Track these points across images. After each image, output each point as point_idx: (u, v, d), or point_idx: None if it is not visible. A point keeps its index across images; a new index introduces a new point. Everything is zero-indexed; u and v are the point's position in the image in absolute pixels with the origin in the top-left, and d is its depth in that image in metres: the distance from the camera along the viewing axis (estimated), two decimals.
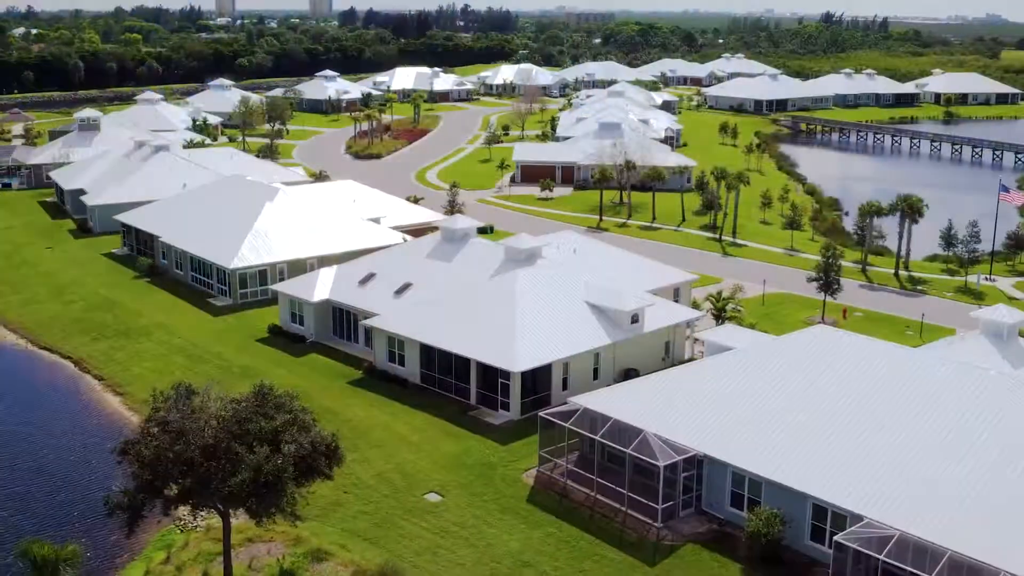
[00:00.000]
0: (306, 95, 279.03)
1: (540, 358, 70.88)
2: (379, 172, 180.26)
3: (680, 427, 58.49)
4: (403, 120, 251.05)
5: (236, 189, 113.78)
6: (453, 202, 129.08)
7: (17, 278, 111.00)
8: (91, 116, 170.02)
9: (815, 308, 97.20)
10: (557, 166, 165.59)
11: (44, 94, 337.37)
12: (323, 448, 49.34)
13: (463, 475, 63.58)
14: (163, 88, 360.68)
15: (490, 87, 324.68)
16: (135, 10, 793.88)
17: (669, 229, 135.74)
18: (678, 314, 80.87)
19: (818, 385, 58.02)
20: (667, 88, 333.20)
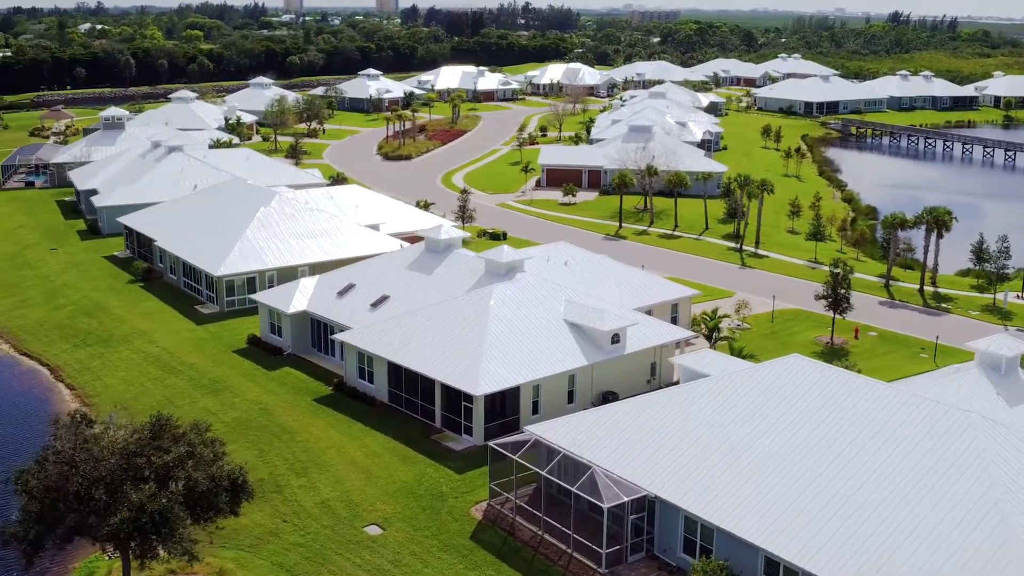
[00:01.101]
0: (348, 94, 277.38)
1: (506, 380, 66.84)
2: (406, 174, 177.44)
3: (635, 463, 54.13)
4: (442, 120, 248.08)
5: (234, 193, 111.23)
6: (464, 207, 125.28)
7: (15, 280, 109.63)
8: (116, 115, 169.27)
9: (827, 326, 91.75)
10: (584, 170, 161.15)
11: (95, 90, 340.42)
12: (225, 483, 45.83)
13: (410, 506, 59.82)
14: (215, 85, 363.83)
15: (537, 87, 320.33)
16: (200, 7, 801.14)
17: (690, 238, 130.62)
18: (665, 334, 76.22)
19: (784, 422, 53.21)
20: (719, 89, 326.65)
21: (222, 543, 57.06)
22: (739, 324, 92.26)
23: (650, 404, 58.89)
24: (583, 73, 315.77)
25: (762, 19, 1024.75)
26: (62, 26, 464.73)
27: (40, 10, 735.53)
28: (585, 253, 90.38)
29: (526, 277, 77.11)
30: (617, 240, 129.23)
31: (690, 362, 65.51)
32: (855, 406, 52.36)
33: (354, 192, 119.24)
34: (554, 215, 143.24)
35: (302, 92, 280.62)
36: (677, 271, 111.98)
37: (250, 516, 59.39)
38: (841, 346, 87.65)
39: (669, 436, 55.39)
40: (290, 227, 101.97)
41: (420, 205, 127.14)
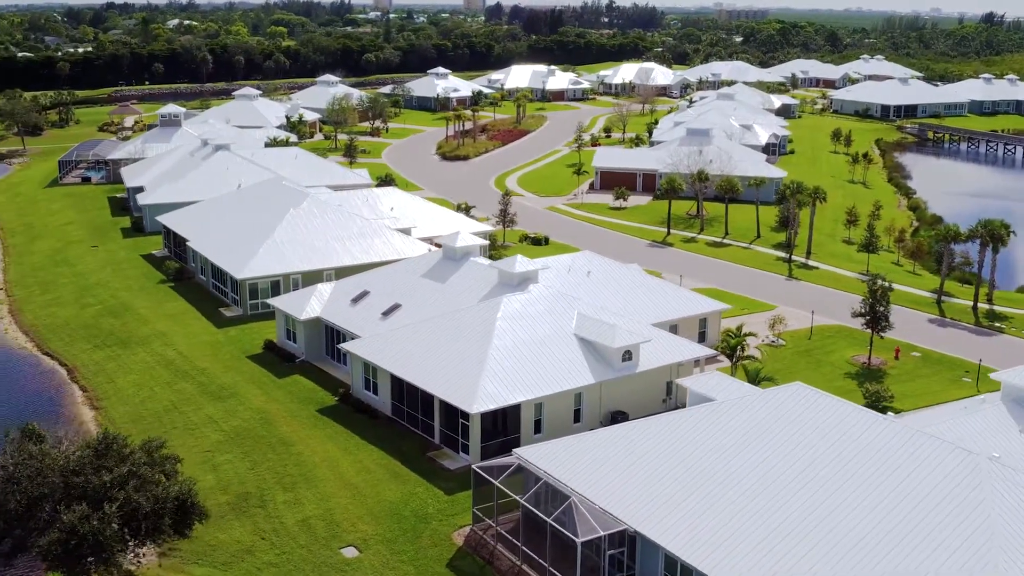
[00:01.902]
0: (416, 92, 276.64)
1: (504, 398, 64.15)
2: (460, 175, 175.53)
3: (619, 493, 51.08)
4: (506, 120, 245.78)
5: (269, 193, 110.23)
6: (505, 211, 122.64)
7: (51, 277, 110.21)
8: (172, 112, 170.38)
9: (867, 345, 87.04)
10: (638, 173, 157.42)
11: (172, 86, 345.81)
12: (171, 506, 43.98)
13: (392, 527, 57.53)
14: (290, 82, 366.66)
15: (609, 87, 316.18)
16: (287, 3, 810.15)
17: (739, 246, 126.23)
18: (683, 351, 72.70)
19: (776, 456, 49.66)
20: (796, 90, 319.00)
21: (196, 559, 55.51)
22: (773, 340, 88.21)
23: (645, 430, 55.70)
24: (656, 73, 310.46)
25: (854, 18, 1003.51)
26: (146, 22, 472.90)
27: (132, 5, 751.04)
28: (611, 263, 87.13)
29: (539, 288, 74.28)
30: (663, 247, 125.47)
31: (696, 385, 62.05)
32: (852, 442, 48.58)
33: (391, 194, 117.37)
34: (602, 220, 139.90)
35: (370, 91, 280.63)
36: (719, 281, 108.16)
37: (230, 531, 57.89)
38: (878, 367, 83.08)
39: (658, 465, 52.21)
40: (319, 230, 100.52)
41: (461, 208, 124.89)
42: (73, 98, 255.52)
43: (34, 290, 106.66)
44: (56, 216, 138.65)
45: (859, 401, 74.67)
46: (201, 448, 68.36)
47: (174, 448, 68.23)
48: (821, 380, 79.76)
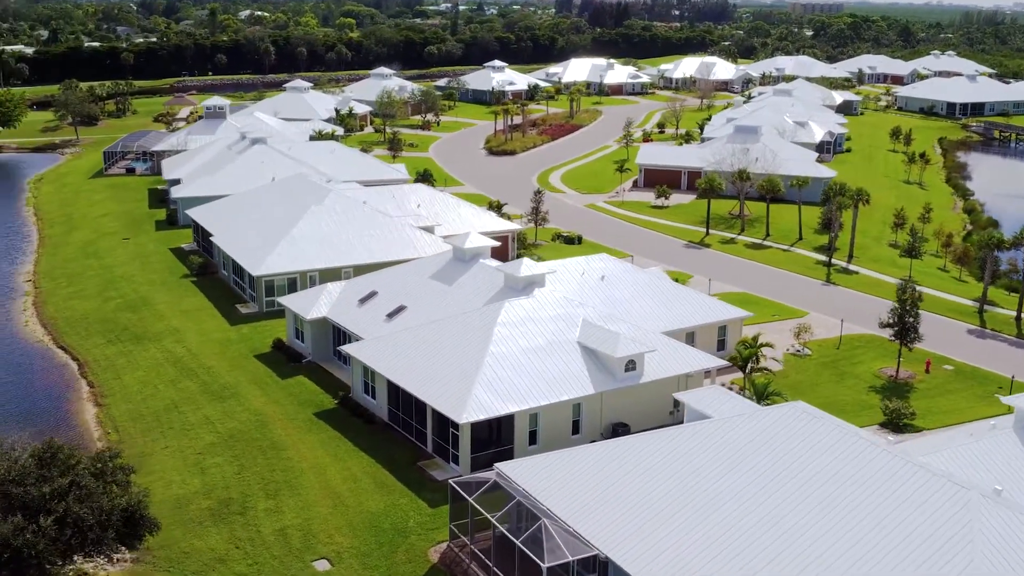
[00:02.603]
0: (471, 86, 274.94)
1: (496, 408, 61.92)
2: (504, 170, 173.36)
3: (595, 515, 48.58)
4: (560, 114, 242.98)
5: (294, 189, 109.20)
6: (537, 209, 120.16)
7: (79, 270, 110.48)
8: (217, 104, 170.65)
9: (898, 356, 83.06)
10: (682, 171, 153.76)
11: (234, 77, 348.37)
12: (116, 518, 42.53)
13: (368, 541, 55.68)
14: (351, 74, 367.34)
15: (669, 81, 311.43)
16: None
17: (779, 248, 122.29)
18: (692, 362, 69.73)
19: (761, 482, 46.75)
20: (862, 86, 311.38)
21: (168, 565, 54.33)
22: (799, 349, 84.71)
23: (631, 448, 53.08)
24: (717, 67, 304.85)
25: (934, 13, 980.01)
26: (213, 13, 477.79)
27: None
28: (629, 267, 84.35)
29: (544, 293, 71.83)
30: (699, 248, 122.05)
31: (694, 400, 59.13)
32: (840, 471, 45.49)
33: (419, 191, 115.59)
34: (641, 218, 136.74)
35: (427, 83, 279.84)
36: (752, 285, 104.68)
37: (206, 539, 56.61)
38: (906, 380, 79.17)
39: (638, 487, 49.61)
40: (339, 226, 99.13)
41: (493, 205, 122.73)
42: (131, 88, 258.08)
43: (61, 282, 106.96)
44: (95, 207, 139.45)
45: (878, 418, 71.31)
46: (193, 450, 67.24)
47: (167, 449, 67.83)
48: (843, 393, 76.46)
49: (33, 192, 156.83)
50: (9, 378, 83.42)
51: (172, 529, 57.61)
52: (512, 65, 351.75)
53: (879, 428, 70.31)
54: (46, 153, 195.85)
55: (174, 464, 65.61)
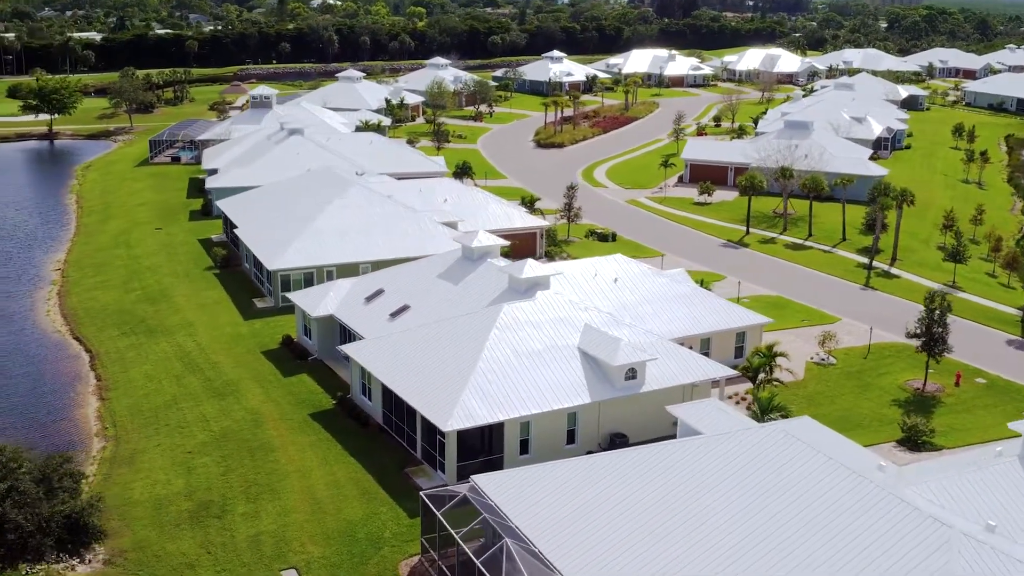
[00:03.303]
0: (528, 76, 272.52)
1: (484, 416, 59.80)
2: (549, 163, 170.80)
3: (563, 536, 46.24)
4: (616, 106, 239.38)
5: (319, 181, 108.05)
6: (570, 204, 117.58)
7: (107, 260, 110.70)
8: (264, 93, 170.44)
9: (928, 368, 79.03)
10: (729, 167, 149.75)
11: (296, 66, 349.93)
12: (56, 525, 41.29)
13: (341, 551, 54.00)
14: (412, 63, 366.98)
15: (732, 73, 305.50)
16: None
17: (820, 249, 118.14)
18: (697, 371, 66.82)
19: (737, 507, 44.05)
20: (932, 80, 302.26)
21: (137, 568, 53.47)
22: (824, 358, 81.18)
23: (610, 464, 50.60)
24: (782, 60, 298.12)
25: (1016, 5, 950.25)
26: (283, 1, 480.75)
27: None
28: (645, 269, 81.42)
29: (547, 296, 69.43)
30: (737, 248, 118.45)
31: (686, 414, 56.29)
32: (819, 499, 42.60)
33: (447, 185, 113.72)
34: (681, 215, 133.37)
35: (484, 74, 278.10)
36: (785, 287, 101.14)
37: (180, 542, 55.52)
38: (933, 394, 75.28)
39: (610, 507, 47.17)
40: (360, 221, 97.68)
41: (526, 200, 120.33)
42: (188, 76, 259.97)
43: (88, 271, 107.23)
44: (134, 196, 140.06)
45: (896, 434, 67.76)
46: (184, 449, 66.25)
47: (159, 447, 66.93)
48: (863, 406, 72.99)
49: (79, 180, 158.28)
50: (20, 369, 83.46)
51: (149, 530, 56.78)
52: (574, 56, 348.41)
53: (896, 445, 66.86)
54: (100, 140, 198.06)
55: (163, 463, 64.67)
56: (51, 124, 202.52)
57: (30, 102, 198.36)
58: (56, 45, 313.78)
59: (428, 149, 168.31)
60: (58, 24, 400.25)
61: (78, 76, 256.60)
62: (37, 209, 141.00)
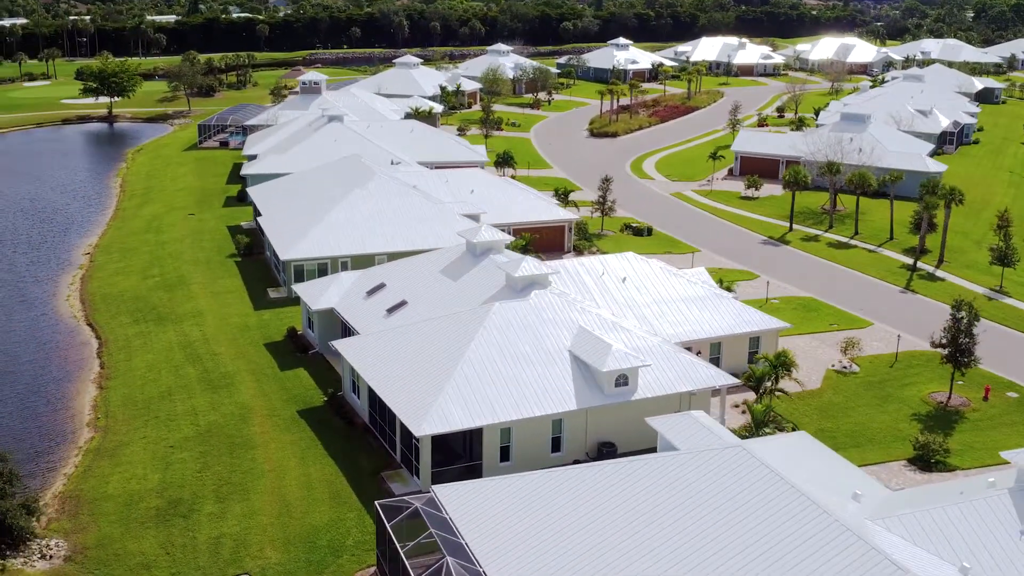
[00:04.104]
0: (592, 63, 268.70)
1: (460, 421, 57.48)
2: (600, 153, 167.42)
3: (510, 555, 43.73)
4: (678, 95, 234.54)
5: (343, 170, 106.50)
6: (604, 197, 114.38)
7: (134, 245, 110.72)
8: (313, 79, 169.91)
9: (956, 380, 74.47)
10: (780, 160, 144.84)
11: (365, 51, 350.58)
12: None
13: (298, 558, 52.19)
14: (481, 49, 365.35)
15: (804, 62, 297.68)
16: None
17: (865, 248, 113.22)
18: (696, 379, 63.54)
19: (686, 535, 41.07)
20: (1013, 72, 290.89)
21: (95, 566, 52.49)
22: (846, 366, 77.19)
23: (572, 479, 47.88)
24: (856, 49, 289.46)
25: None
26: None
27: None
28: (657, 268, 78.01)
29: (543, 296, 66.73)
30: (778, 245, 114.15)
31: (664, 428, 53.14)
32: (775, 530, 39.45)
33: (473, 176, 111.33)
34: (725, 210, 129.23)
35: (547, 60, 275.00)
36: (821, 289, 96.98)
37: (142, 541, 54.32)
38: (957, 408, 70.88)
39: (564, 527, 44.51)
40: (380, 212, 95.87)
41: (560, 192, 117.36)
42: (252, 60, 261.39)
43: (114, 256, 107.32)
44: (176, 181, 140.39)
45: (908, 452, 63.67)
46: (167, 443, 65.12)
47: (144, 440, 65.92)
48: (879, 420, 68.99)
49: (128, 163, 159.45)
50: (30, 356, 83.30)
51: (115, 527, 55.72)
52: (646, 43, 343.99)
53: (906, 464, 62.87)
54: (157, 123, 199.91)
55: (143, 457, 63.61)
56: (111, 107, 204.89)
57: (90, 85, 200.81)
58: (129, 28, 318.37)
59: (477, 137, 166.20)
60: (137, 7, 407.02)
61: (138, 60, 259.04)
62: (82, 192, 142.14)
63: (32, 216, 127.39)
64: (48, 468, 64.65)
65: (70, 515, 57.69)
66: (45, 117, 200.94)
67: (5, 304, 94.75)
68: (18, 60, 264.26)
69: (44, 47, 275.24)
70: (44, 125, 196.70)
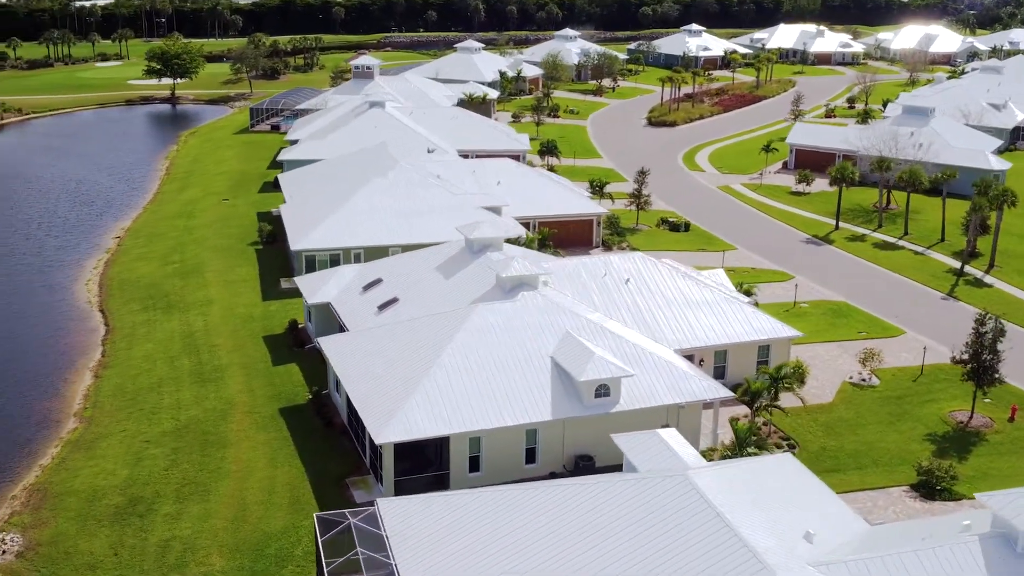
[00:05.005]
0: (662, 50, 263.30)
1: (426, 429, 55.12)
2: (654, 143, 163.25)
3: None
4: (747, 83, 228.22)
5: (368, 159, 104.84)
6: (639, 191, 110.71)
7: (163, 230, 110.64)
8: (366, 63, 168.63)
9: (982, 398, 69.60)
10: (837, 154, 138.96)
11: (440, 34, 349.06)
12: None
13: (243, 566, 50.46)
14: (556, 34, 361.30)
15: (885, 51, 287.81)
16: None
17: (912, 250, 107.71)
18: (686, 391, 60.12)
19: (623, 567, 38.13)
20: None
21: (44, 564, 51.79)
22: (864, 379, 72.87)
23: (516, 500, 45.22)
24: (940, 38, 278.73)
25: None
26: None
27: None
28: (665, 269, 74.35)
29: (532, 297, 63.90)
30: (820, 245, 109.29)
31: (627, 447, 49.82)
32: (702, 572, 36.19)
33: (502, 166, 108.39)
34: (772, 205, 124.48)
35: (616, 46, 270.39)
36: (856, 293, 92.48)
37: (94, 540, 53.26)
38: (978, 430, 66.19)
39: (498, 550, 42.00)
40: (397, 202, 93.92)
41: (595, 184, 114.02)
42: (320, 43, 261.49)
43: (141, 241, 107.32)
44: (220, 165, 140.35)
45: (912, 477, 59.32)
46: (143, 438, 64.07)
47: (123, 433, 64.96)
48: (889, 440, 64.80)
49: (180, 146, 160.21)
50: (37, 340, 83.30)
51: (72, 524, 54.79)
52: (723, 30, 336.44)
53: (908, 491, 58.66)
54: (218, 106, 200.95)
55: (117, 451, 62.60)
56: (174, 88, 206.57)
57: (153, 66, 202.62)
58: (206, 9, 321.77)
59: (522, 126, 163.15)
60: None
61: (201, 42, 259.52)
62: (128, 175, 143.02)
63: (74, 198, 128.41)
64: (28, 458, 64.13)
65: (33, 509, 56.93)
66: (108, 98, 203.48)
67: (26, 287, 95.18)
68: (92, 40, 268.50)
69: (122, 27, 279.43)
70: (107, 106, 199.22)
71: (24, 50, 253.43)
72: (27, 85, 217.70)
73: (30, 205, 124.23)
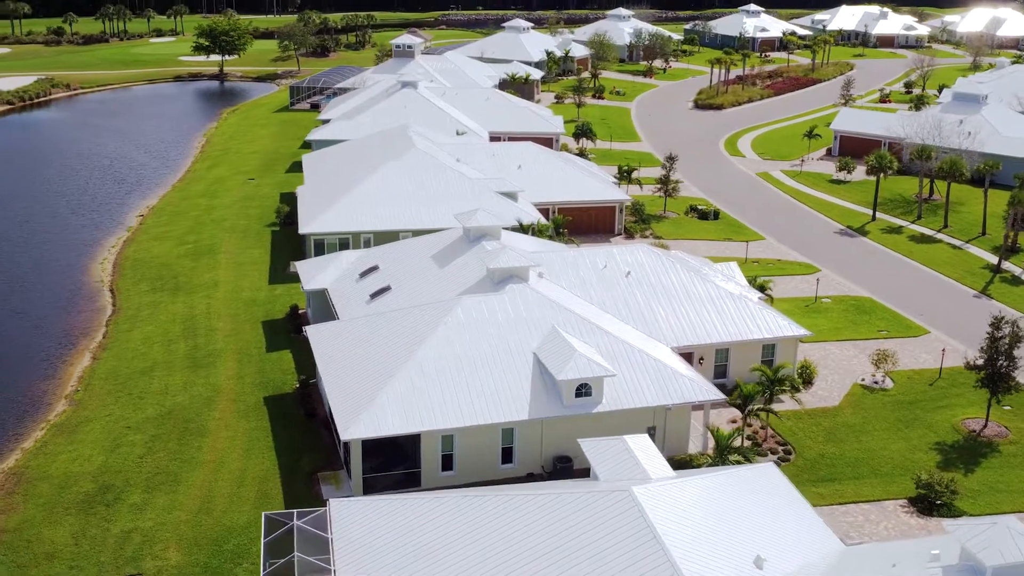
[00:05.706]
0: (718, 30, 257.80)
1: (394, 426, 53.45)
2: (698, 127, 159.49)
3: None
4: (802, 66, 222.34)
5: (386, 141, 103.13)
6: (667, 177, 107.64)
7: (186, 208, 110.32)
8: (407, 42, 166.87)
9: (999, 405, 66.15)
10: (883, 142, 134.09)
11: (498, 12, 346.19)
12: None
13: (198, 562, 49.30)
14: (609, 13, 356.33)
15: (952, 34, 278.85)
16: None
17: (950, 244, 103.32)
18: (673, 392, 57.64)
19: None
20: None
21: (5, 551, 50.60)
22: (877, 381, 69.64)
23: (469, 506, 43.36)
24: (1009, 21, 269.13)
25: None
26: None
27: None
28: (670, 263, 71.63)
29: (521, 290, 61.81)
30: (854, 236, 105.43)
31: (593, 453, 47.49)
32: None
33: (524, 149, 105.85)
34: (808, 194, 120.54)
35: (674, 26, 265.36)
36: (884, 288, 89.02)
37: (57, 529, 52.54)
38: (992, 439, 62.74)
39: (439, 560, 40.15)
40: (410, 186, 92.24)
41: (622, 170, 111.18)
42: (371, 20, 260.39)
43: (162, 220, 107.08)
44: (253, 143, 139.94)
45: (911, 489, 56.20)
46: (125, 424, 63.32)
47: (107, 418, 64.39)
48: (893, 448, 61.72)
49: (219, 123, 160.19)
50: (43, 319, 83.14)
51: (39, 511, 54.21)
52: (786, 10, 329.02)
53: (906, 504, 55.61)
54: (265, 83, 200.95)
55: (97, 437, 61.93)
56: (222, 65, 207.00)
57: (201, 42, 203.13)
58: None
59: (560, 108, 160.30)
60: None
61: (249, 19, 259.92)
62: (164, 152, 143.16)
63: (107, 175, 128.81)
64: (13, 441, 63.78)
65: (6, 494, 56.44)
66: (158, 74, 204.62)
67: (43, 265, 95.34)
68: (146, 16, 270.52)
69: (177, 3, 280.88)
70: (156, 82, 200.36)
71: (80, 25, 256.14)
72: (81, 60, 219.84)
73: (62, 181, 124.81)
